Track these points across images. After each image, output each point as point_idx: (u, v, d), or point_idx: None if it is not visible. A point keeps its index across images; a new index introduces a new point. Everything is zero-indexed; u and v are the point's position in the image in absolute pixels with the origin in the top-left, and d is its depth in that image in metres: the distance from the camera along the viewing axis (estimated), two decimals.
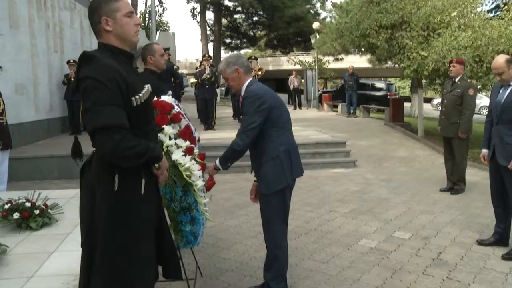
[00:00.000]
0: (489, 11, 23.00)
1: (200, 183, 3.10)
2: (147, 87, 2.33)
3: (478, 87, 9.70)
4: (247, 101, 3.45)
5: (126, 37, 2.31)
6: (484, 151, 4.92)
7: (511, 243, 4.77)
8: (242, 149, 3.44)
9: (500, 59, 4.54)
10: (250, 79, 3.61)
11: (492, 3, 25.20)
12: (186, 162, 3.01)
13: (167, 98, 3.45)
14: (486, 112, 5.06)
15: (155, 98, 3.33)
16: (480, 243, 4.95)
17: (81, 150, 3.02)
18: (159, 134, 3.08)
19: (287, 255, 3.71)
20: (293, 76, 22.53)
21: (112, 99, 2.10)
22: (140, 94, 2.24)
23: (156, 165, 2.35)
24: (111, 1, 2.26)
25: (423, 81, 13.08)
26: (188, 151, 3.10)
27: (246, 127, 3.40)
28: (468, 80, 7.29)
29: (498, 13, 12.86)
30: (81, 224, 2.37)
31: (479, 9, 12.16)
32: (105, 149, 2.10)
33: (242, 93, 3.57)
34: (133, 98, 2.21)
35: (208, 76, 12.30)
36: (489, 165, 4.89)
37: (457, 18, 10.96)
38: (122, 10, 2.28)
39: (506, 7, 9.60)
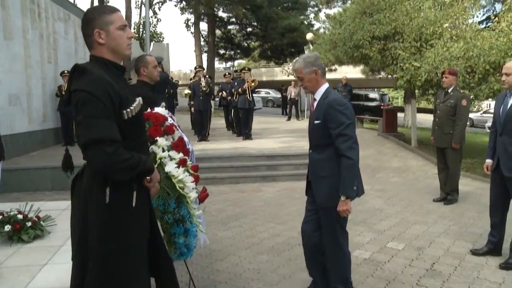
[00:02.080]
0: (480, 22, 23.18)
1: (193, 194, 3.10)
2: (138, 100, 2.34)
3: (471, 97, 9.76)
4: (338, 109, 3.38)
5: (118, 50, 2.32)
6: (488, 161, 4.86)
7: (504, 252, 4.78)
8: (356, 159, 3.36)
9: None
10: (327, 84, 3.60)
11: (483, 14, 25.45)
12: (179, 174, 3.00)
13: (160, 109, 3.46)
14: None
15: (149, 110, 3.34)
16: (474, 253, 4.96)
17: (72, 162, 3.03)
18: (152, 146, 3.08)
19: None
20: (291, 86, 22.57)
21: (104, 113, 2.10)
22: (132, 107, 2.25)
23: (147, 177, 2.35)
24: (105, 13, 2.27)
25: (416, 91, 13.15)
26: (181, 163, 3.10)
27: (349, 141, 3.33)
28: (461, 91, 7.35)
29: (489, 24, 13.01)
30: (72, 237, 2.36)
31: (470, 21, 12.29)
32: (98, 162, 2.10)
33: (318, 96, 3.55)
34: (125, 111, 2.21)
35: (204, 88, 12.32)
36: (491, 176, 4.88)
37: (449, 29, 11.07)
38: (115, 23, 2.29)
39: (496, 18, 9.69)
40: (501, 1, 15.58)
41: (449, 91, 7.04)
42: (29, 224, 4.23)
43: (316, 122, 3.52)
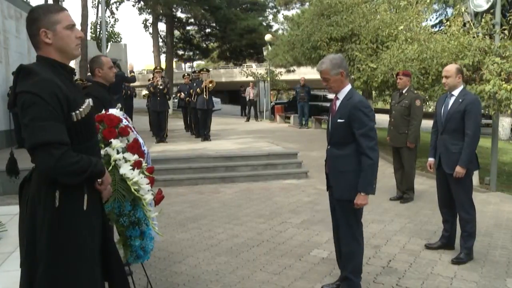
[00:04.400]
0: (433, 25, 23.88)
1: (148, 197, 3.05)
2: (88, 101, 2.28)
3: (425, 98, 10.01)
4: (363, 111, 3.57)
5: (66, 50, 2.25)
6: (431, 159, 5.13)
7: (457, 247, 4.94)
8: (377, 160, 3.57)
9: (453, 66, 4.88)
10: (350, 85, 3.75)
11: (436, 18, 26.26)
12: (134, 176, 2.95)
13: (115, 111, 3.39)
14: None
15: (103, 111, 3.27)
16: (428, 247, 5.15)
17: (17, 166, 2.93)
18: (107, 148, 3.02)
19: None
20: (250, 87, 22.65)
21: (51, 114, 2.03)
22: (81, 109, 2.19)
23: (99, 180, 2.29)
24: (51, 12, 2.20)
25: (373, 92, 13.39)
26: (136, 165, 3.05)
27: (372, 142, 3.55)
28: (415, 92, 7.54)
29: (441, 28, 13.40)
30: (21, 243, 2.27)
31: (424, 24, 12.61)
32: (45, 166, 2.03)
33: (341, 96, 3.72)
34: (73, 113, 2.15)
35: (161, 87, 12.18)
36: (436, 174, 5.08)
37: (404, 32, 11.31)
38: (62, 22, 2.21)
39: (448, 22, 9.97)
40: (452, 6, 16.09)
41: (404, 92, 7.22)
42: None
43: (339, 121, 3.69)
